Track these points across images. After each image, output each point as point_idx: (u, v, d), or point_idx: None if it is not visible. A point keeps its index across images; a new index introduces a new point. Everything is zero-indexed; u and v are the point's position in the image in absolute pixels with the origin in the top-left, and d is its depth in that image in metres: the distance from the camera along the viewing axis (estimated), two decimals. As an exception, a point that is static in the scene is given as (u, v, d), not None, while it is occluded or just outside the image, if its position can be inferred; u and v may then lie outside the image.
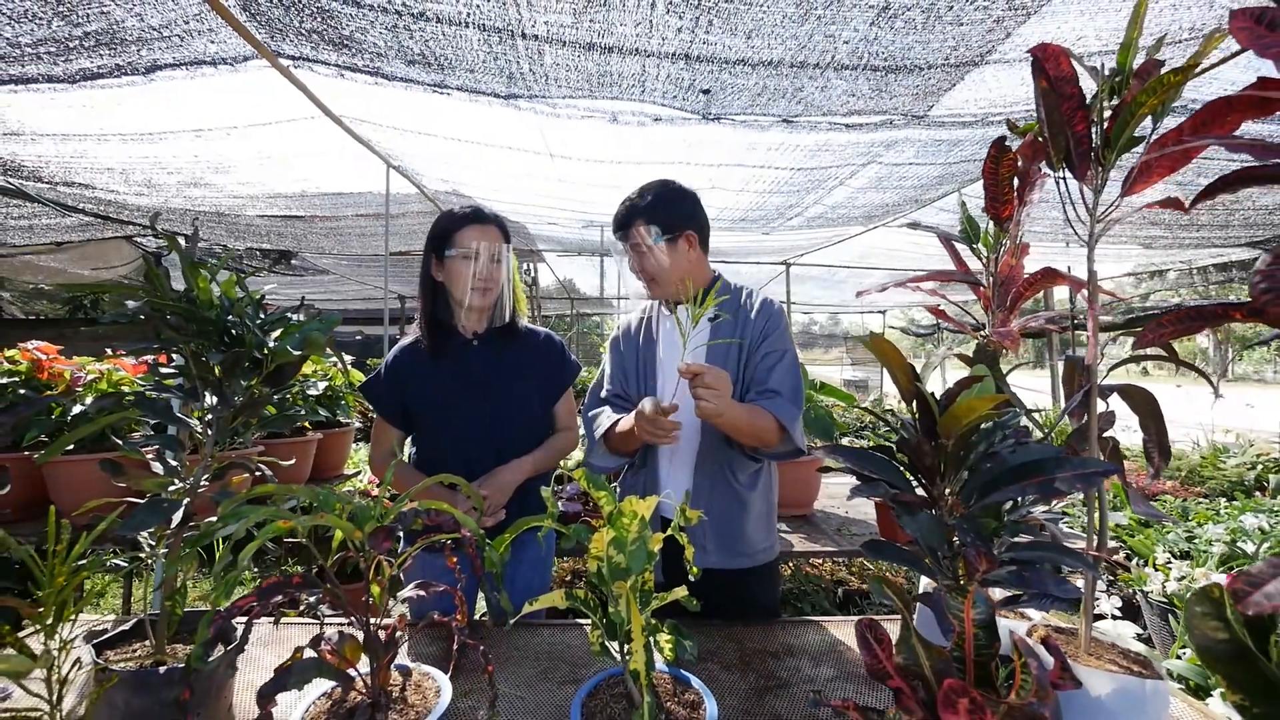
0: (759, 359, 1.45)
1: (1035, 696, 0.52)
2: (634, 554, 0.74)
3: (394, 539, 0.78)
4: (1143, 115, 0.84)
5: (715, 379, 1.21)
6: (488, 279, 1.51)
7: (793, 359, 1.45)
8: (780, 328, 1.48)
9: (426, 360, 1.55)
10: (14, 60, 1.93)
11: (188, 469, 0.99)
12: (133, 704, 0.85)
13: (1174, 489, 4.14)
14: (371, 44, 1.97)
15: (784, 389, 1.40)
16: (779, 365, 1.43)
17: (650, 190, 1.50)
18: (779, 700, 1.09)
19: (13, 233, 5.11)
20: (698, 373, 1.20)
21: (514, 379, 1.58)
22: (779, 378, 1.41)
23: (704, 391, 1.20)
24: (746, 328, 1.48)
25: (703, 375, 1.20)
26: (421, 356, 1.56)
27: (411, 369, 1.56)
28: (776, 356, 1.44)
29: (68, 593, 0.67)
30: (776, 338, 1.46)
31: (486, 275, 1.50)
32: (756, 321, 1.48)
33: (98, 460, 1.95)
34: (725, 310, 1.50)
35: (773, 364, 1.43)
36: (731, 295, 1.53)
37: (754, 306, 1.51)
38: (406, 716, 0.79)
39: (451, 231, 1.51)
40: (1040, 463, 0.68)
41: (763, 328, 1.47)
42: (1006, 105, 2.36)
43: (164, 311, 0.89)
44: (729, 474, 1.47)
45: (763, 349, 1.45)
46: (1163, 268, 8.51)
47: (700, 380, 1.20)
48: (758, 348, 1.46)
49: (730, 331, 1.48)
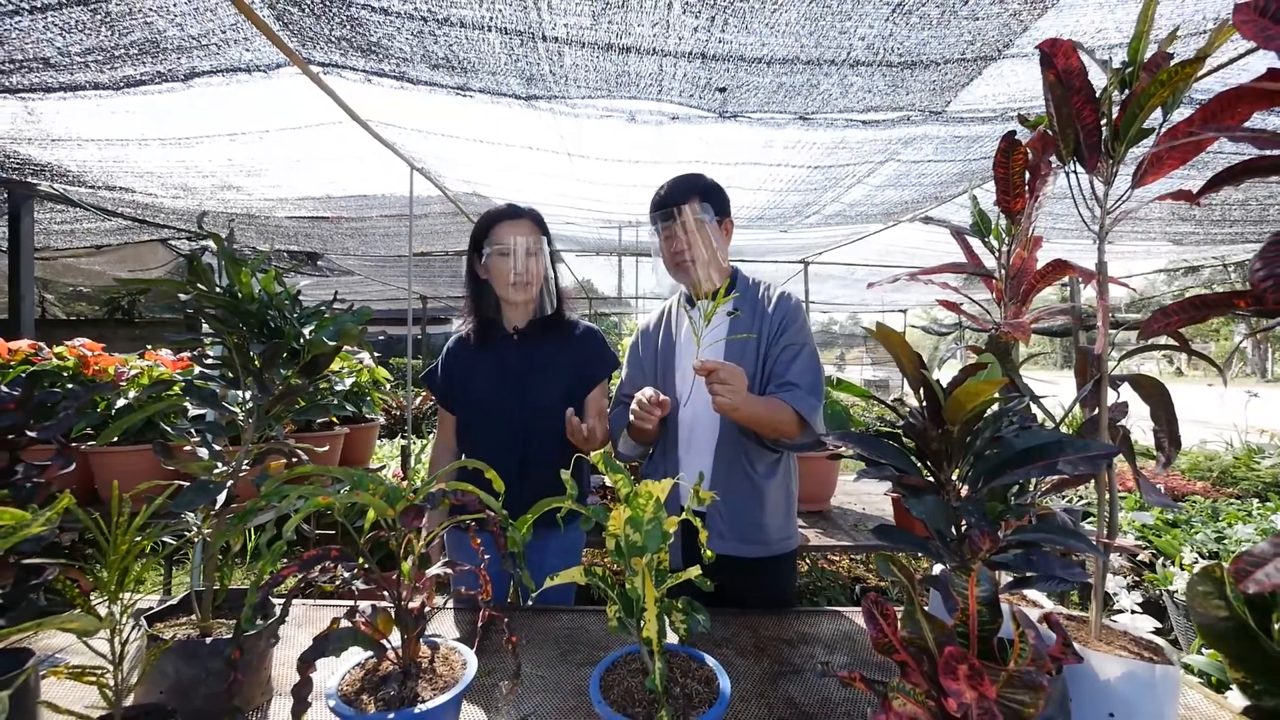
0: (778, 352, 1.46)
1: (1032, 665, 0.54)
2: (649, 533, 0.77)
3: (422, 516, 0.83)
4: (1152, 107, 0.85)
5: (729, 374, 1.25)
6: (524, 272, 1.56)
7: (811, 351, 1.47)
8: (799, 321, 1.49)
9: (473, 352, 1.65)
10: (64, 68, 2.03)
11: (229, 454, 1.05)
12: (181, 672, 0.92)
13: (1205, 490, 4.04)
14: (398, 49, 2.03)
15: (803, 381, 1.42)
16: (798, 358, 1.45)
17: (692, 176, 1.52)
18: (792, 685, 1.11)
19: (55, 237, 5.34)
20: (712, 369, 1.25)
21: (547, 371, 1.62)
22: (798, 370, 1.44)
23: (719, 387, 1.25)
24: (764, 322, 1.50)
25: (717, 372, 1.25)
26: (469, 348, 1.65)
27: (459, 360, 1.66)
28: (795, 349, 1.45)
29: (130, 560, 0.72)
30: (795, 331, 1.47)
31: (522, 269, 1.55)
32: (774, 316, 1.49)
33: (143, 448, 2.05)
34: (742, 305, 1.52)
35: (791, 357, 1.45)
36: (749, 289, 1.56)
37: (771, 300, 1.52)
38: (435, 685, 0.83)
39: (488, 229, 1.58)
40: (1044, 446, 0.70)
41: (780, 322, 1.48)
42: (1026, 100, 2.34)
43: (209, 305, 0.95)
44: (746, 464, 1.50)
45: (781, 342, 1.47)
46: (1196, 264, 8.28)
47: (715, 376, 1.25)
48: (776, 341, 1.47)
49: (748, 326, 1.50)
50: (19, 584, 0.73)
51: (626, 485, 0.80)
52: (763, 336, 1.49)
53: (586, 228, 5.50)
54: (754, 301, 1.53)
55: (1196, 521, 3.10)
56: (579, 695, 1.06)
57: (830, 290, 9.85)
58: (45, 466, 0.76)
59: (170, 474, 1.07)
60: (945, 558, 0.78)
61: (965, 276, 1.31)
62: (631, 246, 6.63)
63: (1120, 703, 0.84)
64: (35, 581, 0.73)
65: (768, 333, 1.49)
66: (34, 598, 0.72)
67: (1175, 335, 0.91)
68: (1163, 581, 2.55)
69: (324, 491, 0.73)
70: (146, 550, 0.78)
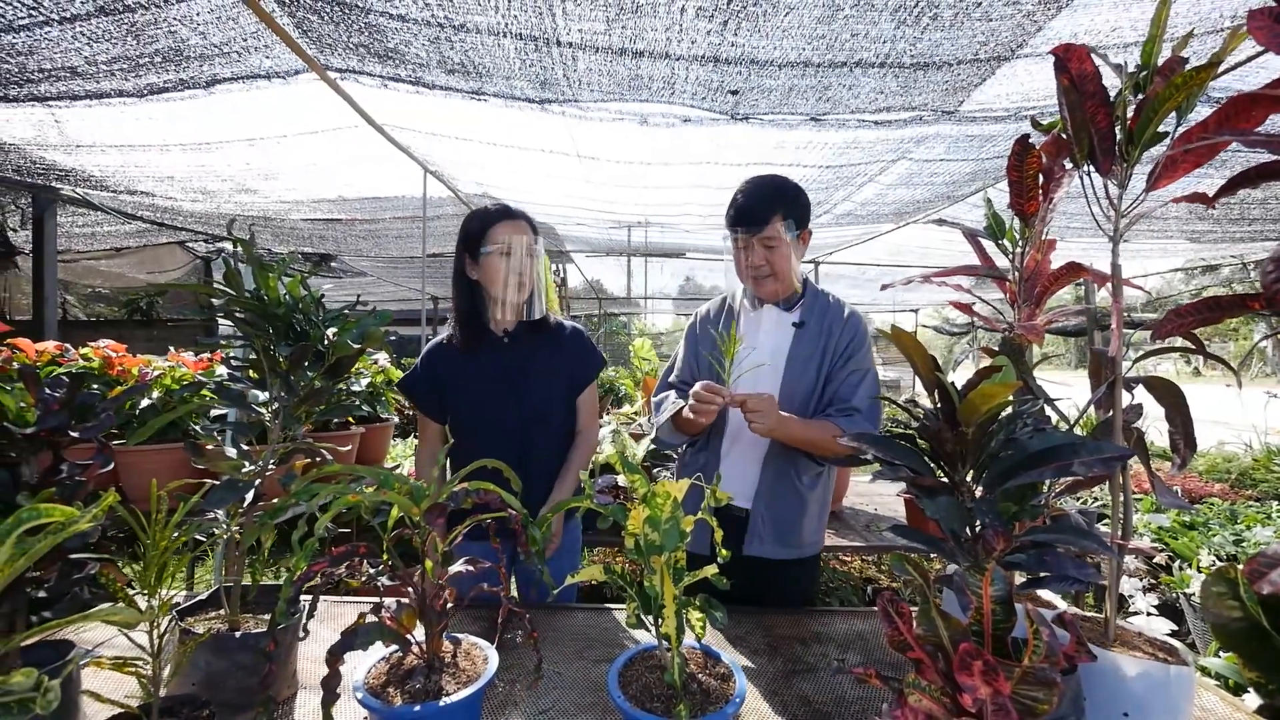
0: (845, 374, 1.49)
1: (1045, 662, 0.55)
2: (667, 532, 0.79)
3: (446, 515, 0.85)
4: (1166, 111, 0.86)
5: (757, 403, 1.33)
6: (523, 273, 1.55)
7: (874, 377, 1.50)
8: (865, 345, 1.51)
9: (460, 357, 1.60)
10: (90, 77, 2.08)
11: (255, 453, 1.08)
12: (213, 665, 0.95)
13: (1223, 491, 3.99)
14: (414, 55, 2.07)
15: (864, 407, 1.44)
16: (863, 383, 1.47)
17: (775, 182, 1.49)
18: (805, 683, 1.13)
19: (76, 239, 5.46)
20: (742, 401, 1.33)
21: (543, 374, 1.61)
22: (862, 396, 1.46)
23: (752, 415, 1.33)
24: (829, 339, 1.51)
25: (747, 403, 1.33)
26: (455, 353, 1.61)
27: (446, 365, 1.61)
28: (860, 375, 1.48)
29: (168, 555, 0.75)
30: (862, 355, 1.50)
31: (522, 270, 1.55)
32: (843, 336, 1.51)
33: (165, 448, 2.10)
34: (809, 317, 1.53)
35: (858, 381, 1.47)
36: (817, 301, 1.57)
37: (842, 319, 1.53)
38: (459, 679, 0.86)
39: (485, 229, 1.54)
40: (1058, 448, 0.71)
41: (850, 343, 1.50)
42: (1040, 99, 2.33)
43: (239, 309, 0.98)
44: (793, 475, 1.53)
45: (850, 365, 1.49)
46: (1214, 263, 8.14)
47: (746, 407, 1.34)
48: (843, 362, 1.49)
49: (813, 338, 1.51)
50: (63, 577, 0.76)
51: (644, 485, 0.82)
52: (827, 353, 1.50)
53: (596, 228, 5.53)
54: (822, 314, 1.54)
55: (1214, 524, 3.07)
56: (596, 691, 1.08)
57: (841, 290, 9.82)
58: (87, 465, 0.80)
59: (194, 472, 1.10)
60: (959, 558, 0.79)
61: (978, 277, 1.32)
62: (641, 247, 6.65)
63: (1135, 702, 0.85)
64: (78, 576, 0.76)
65: (834, 351, 1.50)
66: (78, 591, 0.75)
67: (1189, 336, 0.92)
68: (1179, 584, 2.52)
69: (352, 489, 0.76)
70: (179, 546, 0.81)
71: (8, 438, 0.77)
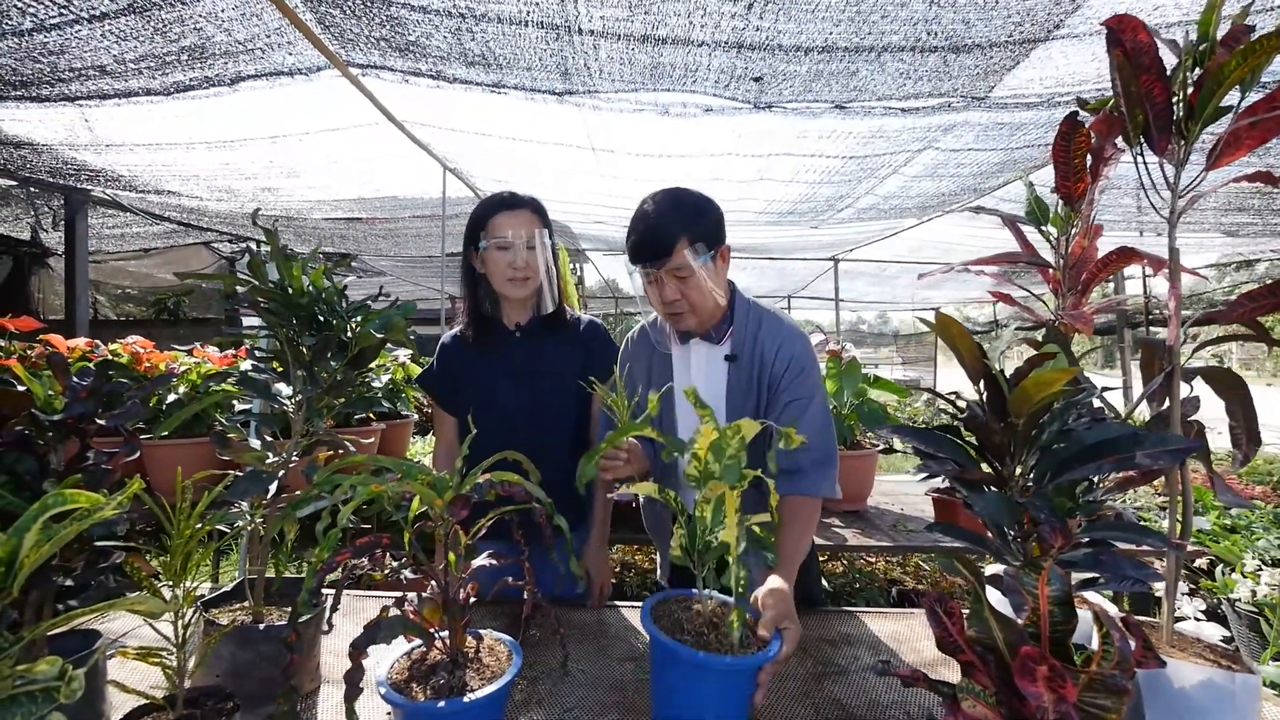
0: (779, 408, 1.29)
1: (1117, 668, 0.51)
2: (729, 467, 0.85)
3: (469, 507, 0.83)
4: (1232, 83, 0.81)
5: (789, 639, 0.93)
6: (523, 267, 1.45)
7: (820, 405, 1.30)
8: (806, 367, 1.31)
9: (472, 351, 1.55)
10: (119, 75, 2.11)
11: (279, 446, 1.07)
12: (237, 656, 0.94)
13: (1265, 494, 3.84)
14: (435, 48, 2.06)
15: (812, 455, 1.25)
16: (803, 418, 1.26)
17: (676, 201, 1.30)
18: (837, 686, 1.09)
19: (106, 240, 5.60)
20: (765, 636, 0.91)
21: (555, 370, 1.54)
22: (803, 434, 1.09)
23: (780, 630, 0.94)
24: (762, 368, 1.32)
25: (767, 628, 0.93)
26: (468, 347, 1.56)
27: (460, 359, 1.56)
28: (803, 405, 1.28)
29: (193, 545, 0.74)
30: (801, 381, 1.30)
31: (522, 263, 1.44)
32: (777, 361, 1.32)
33: (188, 440, 2.12)
34: (740, 343, 1.34)
35: (796, 416, 1.26)
36: (748, 323, 1.36)
37: (776, 340, 1.33)
38: (482, 675, 0.84)
39: (484, 220, 1.46)
40: (1118, 440, 0.66)
41: (785, 369, 1.31)
42: (1075, 84, 2.25)
43: (262, 299, 0.97)
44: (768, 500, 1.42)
45: (784, 396, 1.29)
46: (1251, 258, 7.85)
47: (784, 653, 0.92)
48: (779, 394, 1.30)
49: (749, 368, 1.33)
50: (89, 566, 0.75)
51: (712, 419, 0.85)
52: (762, 385, 1.32)
53: (614, 226, 5.50)
54: (754, 340, 1.34)
55: (1257, 527, 2.94)
56: (619, 690, 1.06)
57: (860, 287, 9.67)
58: (113, 454, 0.79)
59: (219, 464, 1.10)
60: (1006, 555, 0.75)
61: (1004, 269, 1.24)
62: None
63: (1197, 712, 0.80)
64: (104, 565, 0.76)
65: (768, 380, 1.32)
66: (104, 579, 0.75)
67: (1253, 324, 0.86)
68: (1223, 589, 2.42)
69: (375, 481, 0.74)
70: (204, 538, 0.80)
71: (35, 425, 0.76)
